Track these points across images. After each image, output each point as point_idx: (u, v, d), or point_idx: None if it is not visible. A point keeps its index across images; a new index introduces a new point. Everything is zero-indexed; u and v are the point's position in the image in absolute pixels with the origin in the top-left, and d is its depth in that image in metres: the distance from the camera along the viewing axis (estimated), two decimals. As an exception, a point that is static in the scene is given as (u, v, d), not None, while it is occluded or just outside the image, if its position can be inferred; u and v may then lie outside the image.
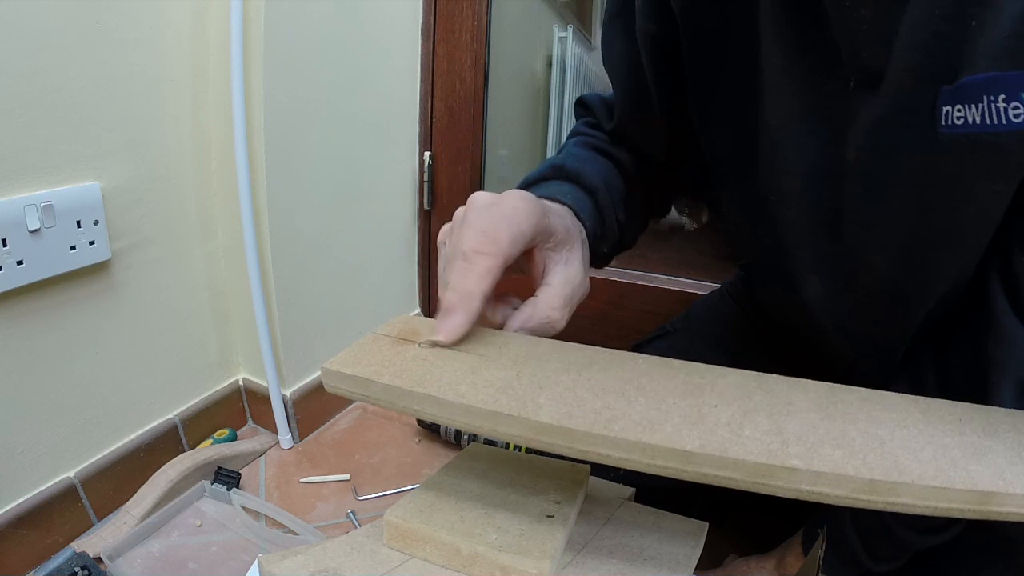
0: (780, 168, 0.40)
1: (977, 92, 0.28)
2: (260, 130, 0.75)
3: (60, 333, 0.65)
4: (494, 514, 0.30)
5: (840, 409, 0.25)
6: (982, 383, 0.35)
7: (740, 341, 0.64)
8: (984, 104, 0.28)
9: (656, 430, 0.24)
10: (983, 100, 0.28)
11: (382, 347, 0.32)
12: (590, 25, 1.60)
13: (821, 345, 0.50)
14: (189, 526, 0.72)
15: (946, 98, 0.29)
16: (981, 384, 0.35)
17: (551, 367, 0.29)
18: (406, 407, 0.28)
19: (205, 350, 0.85)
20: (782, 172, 0.40)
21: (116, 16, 0.64)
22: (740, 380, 0.28)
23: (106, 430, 0.73)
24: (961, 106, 0.29)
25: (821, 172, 0.38)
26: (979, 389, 0.35)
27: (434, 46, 1.00)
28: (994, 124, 0.28)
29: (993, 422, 0.25)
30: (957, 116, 0.29)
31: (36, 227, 0.60)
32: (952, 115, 0.29)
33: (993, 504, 0.21)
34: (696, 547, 0.31)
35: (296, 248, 0.84)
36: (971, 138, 0.29)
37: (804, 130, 0.38)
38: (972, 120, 0.29)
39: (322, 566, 0.28)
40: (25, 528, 0.64)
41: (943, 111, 0.30)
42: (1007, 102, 0.27)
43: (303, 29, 0.77)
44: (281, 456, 0.87)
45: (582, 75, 1.41)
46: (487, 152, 1.05)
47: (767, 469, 0.22)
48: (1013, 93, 0.27)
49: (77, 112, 0.62)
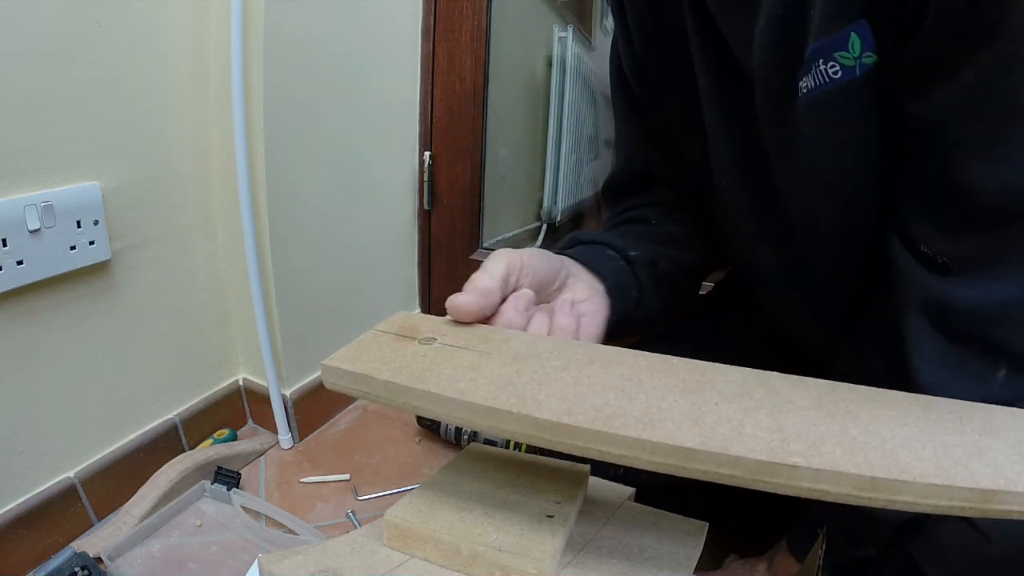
0: (720, 161, 0.47)
1: (809, 63, 0.34)
2: (260, 130, 0.75)
3: (60, 333, 0.65)
4: (494, 514, 0.30)
5: (841, 407, 0.25)
6: (898, 330, 0.37)
7: (739, 339, 0.64)
8: (813, 71, 0.34)
9: (657, 427, 0.24)
10: (812, 68, 0.34)
11: (382, 344, 0.32)
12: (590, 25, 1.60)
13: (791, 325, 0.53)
14: (189, 526, 0.72)
15: (799, 75, 0.35)
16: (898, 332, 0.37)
17: (552, 364, 0.29)
18: (406, 404, 0.28)
19: (205, 350, 0.85)
20: (721, 164, 0.47)
21: (116, 16, 0.64)
22: (741, 377, 0.28)
23: (106, 430, 0.73)
24: (805, 78, 0.35)
25: (747, 157, 0.45)
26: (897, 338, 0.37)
27: (434, 46, 1.00)
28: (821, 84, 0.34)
29: (994, 420, 0.25)
30: (803, 86, 0.35)
31: (36, 227, 0.60)
32: (801, 87, 0.35)
33: (994, 502, 0.21)
34: (696, 547, 0.31)
35: (296, 248, 0.84)
36: (810, 101, 0.35)
37: (728, 125, 0.45)
38: (808, 86, 0.35)
39: (322, 566, 0.28)
40: (25, 528, 0.64)
41: (800, 86, 0.36)
42: (825, 63, 0.33)
43: (303, 29, 0.77)
44: (281, 456, 0.87)
45: (582, 75, 1.42)
46: (487, 152, 1.05)
47: (768, 466, 0.22)
48: (828, 55, 0.33)
49: (77, 112, 0.62)
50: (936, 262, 0.35)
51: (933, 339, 0.35)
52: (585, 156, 1.46)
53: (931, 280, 0.35)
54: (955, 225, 0.34)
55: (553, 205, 1.41)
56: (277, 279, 0.82)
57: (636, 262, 0.48)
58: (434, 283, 1.14)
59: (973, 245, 0.34)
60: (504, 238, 1.21)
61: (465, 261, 1.09)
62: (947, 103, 0.32)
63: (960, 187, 0.33)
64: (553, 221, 1.41)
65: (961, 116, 0.32)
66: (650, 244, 0.51)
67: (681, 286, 0.54)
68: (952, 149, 0.33)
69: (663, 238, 0.53)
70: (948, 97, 0.32)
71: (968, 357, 0.35)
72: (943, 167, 0.34)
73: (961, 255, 0.34)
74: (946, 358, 0.35)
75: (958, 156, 0.33)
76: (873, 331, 0.41)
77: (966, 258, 0.34)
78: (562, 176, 1.40)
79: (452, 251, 1.10)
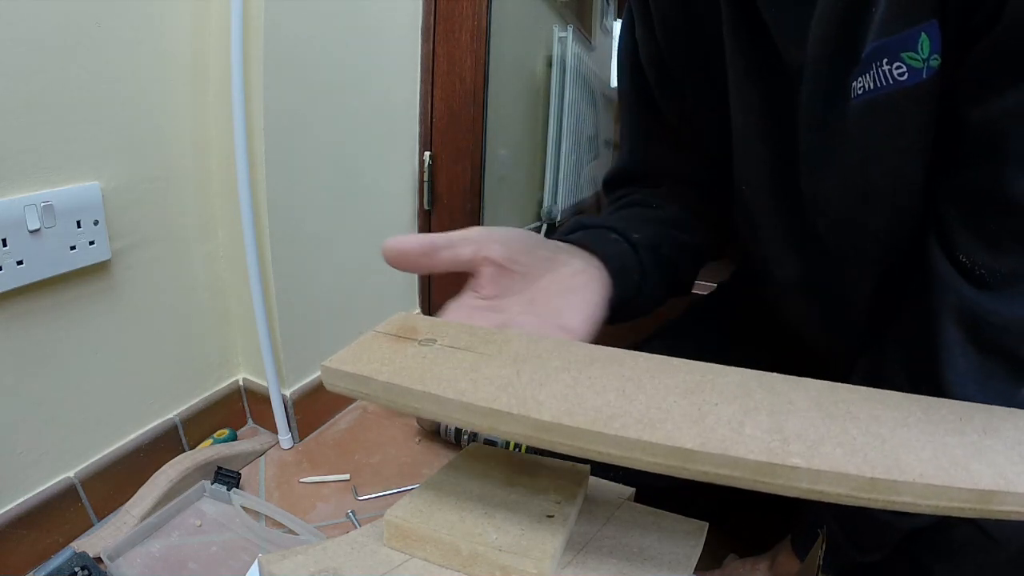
0: (745, 160, 0.46)
1: (868, 62, 0.33)
2: (260, 130, 0.75)
3: (60, 333, 0.65)
4: (494, 514, 0.30)
5: (841, 407, 0.25)
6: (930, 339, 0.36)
7: (739, 339, 0.64)
8: (873, 71, 0.33)
9: (657, 428, 0.24)
10: (872, 68, 0.33)
11: (381, 345, 0.32)
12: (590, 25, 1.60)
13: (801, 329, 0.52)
14: (189, 526, 0.72)
15: (855, 75, 0.34)
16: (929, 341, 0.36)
17: (552, 365, 0.29)
18: (406, 405, 0.28)
19: (205, 350, 0.85)
20: (747, 163, 0.46)
21: (116, 16, 0.64)
22: (741, 378, 0.28)
23: (106, 430, 0.73)
24: (861, 77, 0.34)
25: (777, 159, 0.43)
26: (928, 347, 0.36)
27: (434, 46, 1.00)
28: (882, 86, 0.33)
29: (994, 421, 0.25)
30: (858, 87, 0.34)
31: (36, 227, 0.60)
32: (856, 87, 0.34)
33: (994, 503, 0.21)
34: (696, 547, 0.31)
35: (296, 248, 0.84)
36: (869, 102, 0.34)
37: (760, 124, 0.43)
38: (867, 87, 0.34)
39: (322, 566, 0.28)
40: (25, 528, 0.64)
41: (853, 86, 0.35)
42: (889, 64, 0.32)
43: (303, 29, 0.77)
44: (281, 456, 0.87)
45: (582, 75, 1.42)
46: (487, 152, 1.05)
47: (768, 467, 0.22)
48: (894, 55, 0.32)
49: (77, 112, 0.62)
50: (974, 273, 0.34)
51: (965, 351, 0.35)
52: (585, 156, 1.47)
53: (967, 291, 0.34)
54: (998, 239, 0.33)
55: (553, 205, 1.41)
56: (277, 279, 0.82)
57: (639, 245, 0.46)
58: (434, 283, 1.14)
59: (1014, 261, 0.33)
60: (504, 238, 1.21)
61: (465, 261, 1.09)
62: (1007, 113, 0.31)
63: (1008, 201, 0.32)
64: (553, 221, 1.41)
65: (1021, 128, 0.31)
66: (653, 226, 0.49)
67: (683, 270, 0.52)
68: (1006, 161, 0.32)
69: (667, 221, 0.51)
70: (1009, 107, 0.31)
71: (997, 371, 0.34)
72: (993, 178, 0.32)
73: (1001, 270, 0.33)
74: (976, 370, 0.34)
75: (1011, 169, 0.32)
76: (901, 338, 0.40)
77: (1005, 273, 0.33)
78: (562, 176, 1.40)
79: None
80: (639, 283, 0.45)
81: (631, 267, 0.45)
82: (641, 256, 0.46)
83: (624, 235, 0.46)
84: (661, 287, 0.49)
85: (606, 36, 1.74)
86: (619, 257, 0.44)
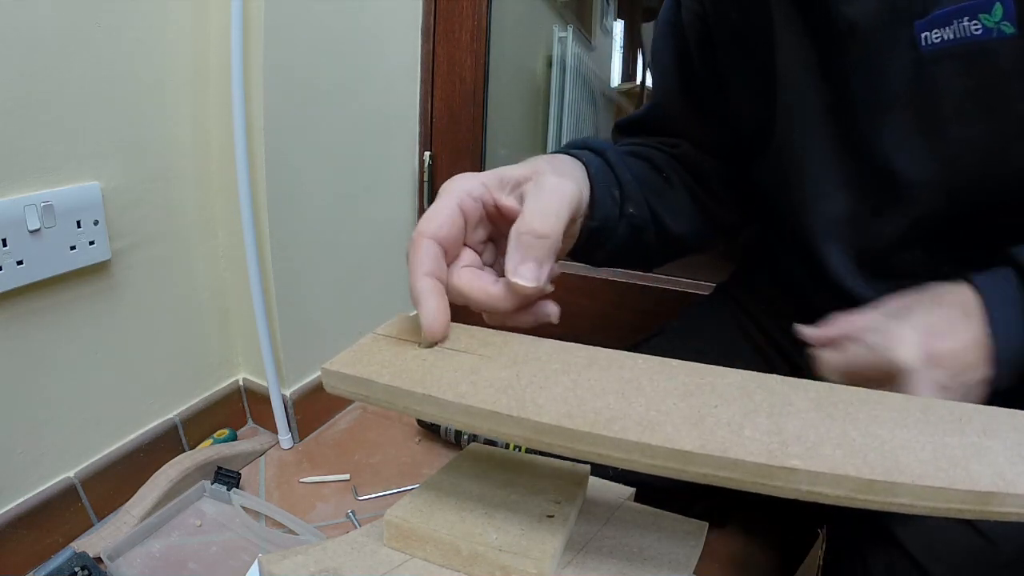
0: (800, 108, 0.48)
1: (948, 18, 0.39)
2: (260, 130, 0.75)
3: (60, 333, 0.65)
4: (494, 514, 0.30)
5: (840, 409, 0.25)
6: None
7: (739, 340, 0.64)
8: (954, 25, 0.39)
9: (656, 430, 0.24)
10: (953, 23, 0.39)
11: (382, 347, 0.32)
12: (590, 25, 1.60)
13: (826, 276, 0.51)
14: (189, 526, 0.72)
15: (922, 27, 0.40)
16: None
17: (551, 367, 0.29)
18: (406, 407, 0.28)
19: (205, 350, 0.85)
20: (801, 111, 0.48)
21: (116, 16, 0.64)
22: (740, 380, 0.28)
23: (106, 430, 0.73)
24: (937, 29, 0.39)
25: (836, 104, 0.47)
26: None
27: (434, 46, 1.00)
28: (963, 37, 0.39)
29: (993, 422, 0.25)
30: (935, 37, 0.40)
31: (36, 227, 0.60)
32: (931, 37, 0.40)
33: (993, 504, 0.21)
34: (696, 547, 0.31)
35: (296, 248, 0.84)
36: (949, 49, 0.39)
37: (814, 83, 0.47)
38: (947, 37, 0.39)
39: (322, 566, 0.28)
40: (25, 528, 0.64)
41: (922, 36, 0.40)
42: (970, 21, 0.38)
43: (303, 29, 0.77)
44: (281, 456, 0.87)
45: (582, 75, 1.41)
46: (487, 152, 1.05)
47: (767, 469, 0.22)
48: (973, 14, 0.38)
49: (77, 112, 0.62)
50: None
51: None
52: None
53: None
54: None
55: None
56: (277, 279, 0.82)
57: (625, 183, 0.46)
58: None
59: None
60: (504, 238, 1.21)
61: (465, 261, 1.09)
62: None
63: None
64: (553, 221, 1.40)
65: None
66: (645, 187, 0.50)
67: (649, 246, 0.52)
68: None
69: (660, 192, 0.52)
70: None
71: None
72: None
73: None
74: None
75: None
76: None
77: None
78: (562, 176, 1.39)
79: (452, 251, 1.09)
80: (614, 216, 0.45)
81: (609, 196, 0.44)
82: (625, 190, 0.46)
83: (615, 170, 0.46)
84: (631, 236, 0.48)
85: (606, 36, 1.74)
86: (603, 179, 0.43)
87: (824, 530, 0.48)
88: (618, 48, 1.69)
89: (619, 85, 1.71)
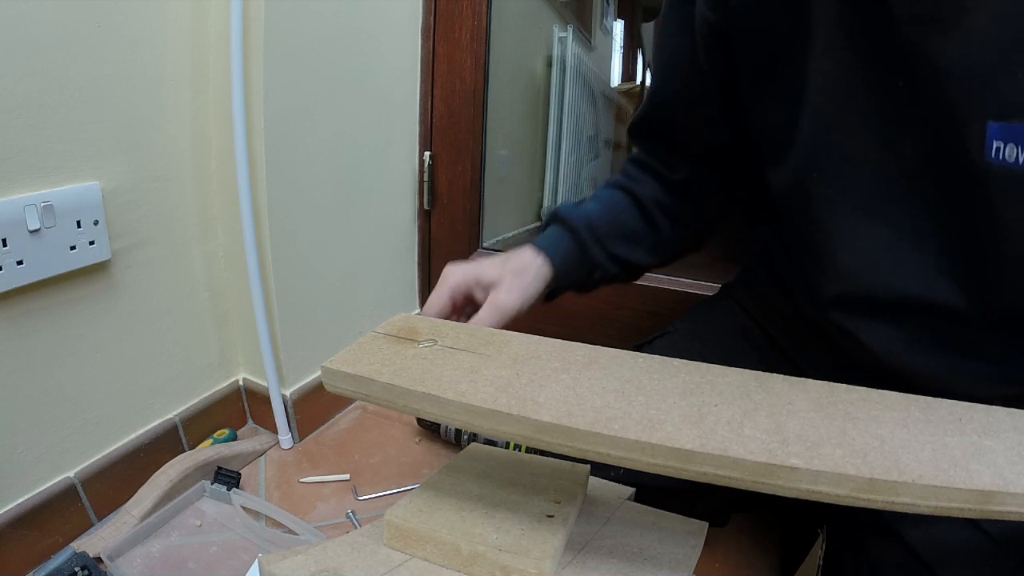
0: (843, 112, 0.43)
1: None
2: (260, 130, 0.75)
3: (60, 333, 0.65)
4: (494, 514, 0.30)
5: (840, 408, 0.25)
6: None
7: (741, 341, 0.64)
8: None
9: (656, 429, 0.24)
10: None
11: (382, 346, 0.32)
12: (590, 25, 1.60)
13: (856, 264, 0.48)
14: (189, 526, 0.72)
15: (995, 133, 0.33)
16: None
17: (551, 366, 0.29)
18: (406, 406, 0.28)
19: (205, 350, 0.85)
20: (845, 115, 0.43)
21: (116, 16, 0.64)
22: (740, 379, 0.28)
23: (106, 430, 0.73)
24: (1013, 145, 0.32)
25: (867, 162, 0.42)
26: None
27: (434, 46, 1.00)
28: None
29: (993, 422, 0.25)
30: (1009, 153, 0.33)
31: (36, 227, 0.60)
32: (1004, 151, 0.33)
33: (993, 503, 0.21)
34: (696, 547, 0.31)
35: (296, 248, 0.84)
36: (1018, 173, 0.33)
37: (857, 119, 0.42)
38: (1020, 160, 0.32)
39: (322, 566, 0.28)
40: (25, 528, 0.64)
41: (993, 145, 0.33)
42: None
43: (303, 29, 0.77)
44: (281, 456, 0.87)
45: (582, 75, 1.41)
46: (487, 152, 1.05)
47: (767, 468, 0.22)
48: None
49: (77, 112, 0.62)
50: None
51: None
52: (585, 156, 1.46)
53: None
54: None
55: (553, 205, 1.41)
56: (277, 279, 0.82)
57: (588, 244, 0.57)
58: (434, 284, 1.14)
59: None
60: (504, 238, 1.21)
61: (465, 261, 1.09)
62: None
63: None
64: (553, 221, 1.41)
65: None
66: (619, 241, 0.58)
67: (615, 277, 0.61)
68: None
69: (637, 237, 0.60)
70: None
71: None
72: None
73: None
74: None
75: None
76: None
77: None
78: (562, 176, 1.40)
79: (452, 251, 1.09)
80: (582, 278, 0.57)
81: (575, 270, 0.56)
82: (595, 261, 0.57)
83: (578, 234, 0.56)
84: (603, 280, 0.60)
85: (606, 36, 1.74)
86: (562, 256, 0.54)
87: (824, 530, 0.48)
88: (618, 48, 1.70)
89: (619, 85, 1.71)
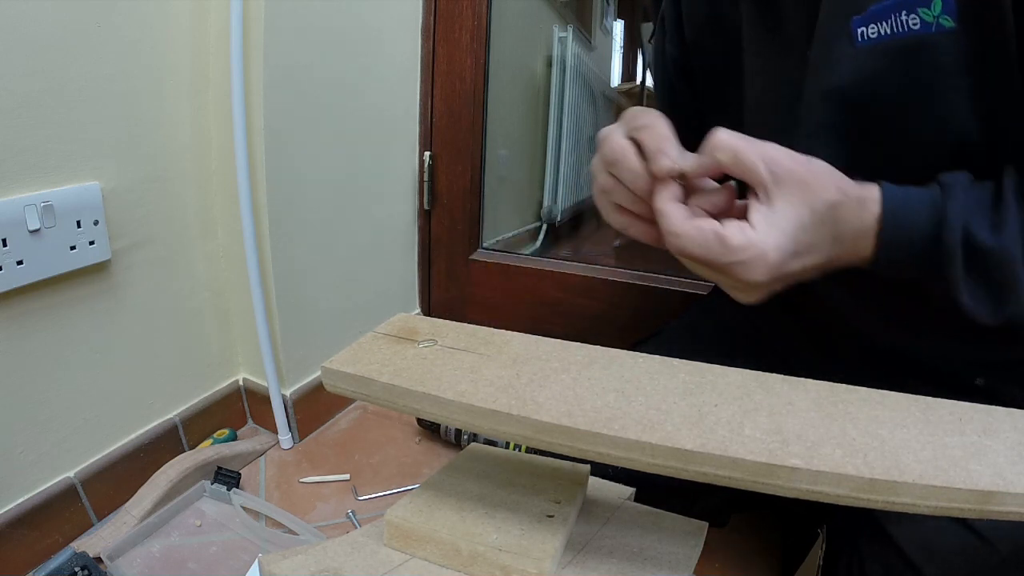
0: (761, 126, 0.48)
1: (886, 13, 0.39)
2: (260, 130, 0.74)
3: (60, 333, 0.65)
4: (494, 514, 0.30)
5: (840, 408, 0.25)
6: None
7: (740, 340, 0.64)
8: (891, 20, 0.39)
9: (656, 429, 0.24)
10: (891, 17, 0.39)
11: (382, 346, 0.32)
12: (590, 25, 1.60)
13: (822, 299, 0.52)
14: (189, 526, 0.72)
15: (858, 22, 0.40)
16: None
17: (551, 366, 0.29)
18: (406, 406, 0.28)
19: (205, 350, 0.85)
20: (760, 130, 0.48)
21: (116, 16, 0.64)
22: (740, 379, 0.28)
23: (106, 430, 0.73)
24: (874, 24, 0.40)
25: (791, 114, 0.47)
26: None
27: (434, 46, 1.00)
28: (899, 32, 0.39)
29: (993, 422, 0.25)
30: (871, 32, 0.40)
31: (36, 227, 0.60)
32: (867, 32, 0.40)
33: (993, 503, 0.21)
34: (696, 547, 0.31)
35: (296, 248, 0.84)
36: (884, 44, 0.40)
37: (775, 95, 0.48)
38: (883, 32, 0.40)
39: (322, 566, 0.28)
40: (25, 528, 0.64)
41: (858, 31, 0.41)
42: (907, 15, 0.39)
43: (303, 29, 0.77)
44: (281, 456, 0.87)
45: (582, 75, 1.42)
46: (487, 152, 1.05)
47: (767, 468, 0.22)
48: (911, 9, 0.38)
49: (77, 112, 0.62)
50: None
51: None
52: (585, 156, 1.46)
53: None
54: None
55: (553, 205, 1.41)
56: (277, 279, 0.82)
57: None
58: (434, 283, 1.14)
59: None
60: (504, 238, 1.21)
61: (465, 261, 1.09)
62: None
63: None
64: (553, 221, 1.41)
65: None
66: None
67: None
68: None
69: None
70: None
71: None
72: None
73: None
74: None
75: None
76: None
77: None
78: (562, 176, 1.40)
79: (452, 251, 1.10)
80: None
81: None
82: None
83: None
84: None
85: (606, 36, 1.74)
86: None
87: (824, 530, 0.48)
88: (618, 48, 1.70)
89: (619, 85, 1.72)
